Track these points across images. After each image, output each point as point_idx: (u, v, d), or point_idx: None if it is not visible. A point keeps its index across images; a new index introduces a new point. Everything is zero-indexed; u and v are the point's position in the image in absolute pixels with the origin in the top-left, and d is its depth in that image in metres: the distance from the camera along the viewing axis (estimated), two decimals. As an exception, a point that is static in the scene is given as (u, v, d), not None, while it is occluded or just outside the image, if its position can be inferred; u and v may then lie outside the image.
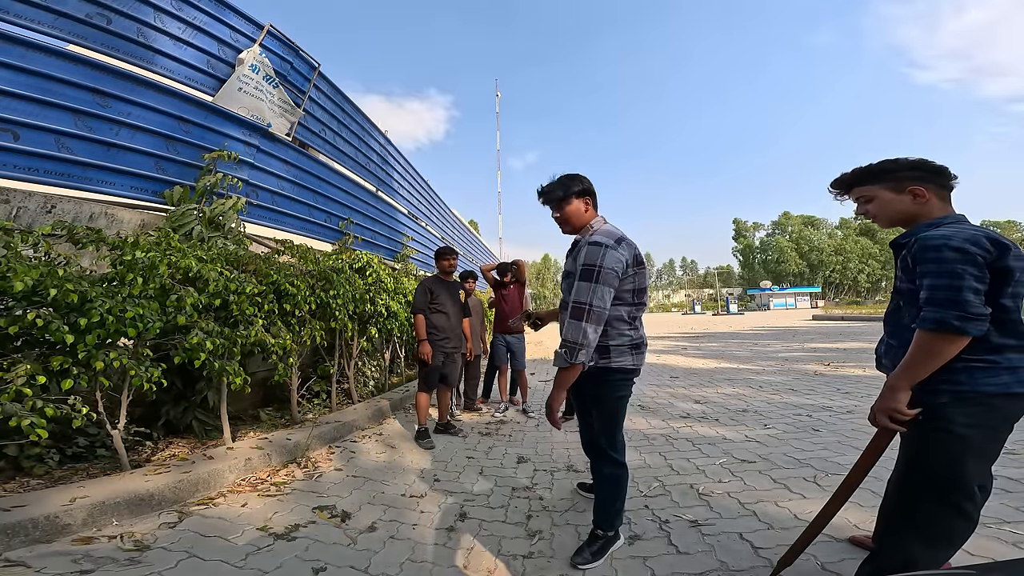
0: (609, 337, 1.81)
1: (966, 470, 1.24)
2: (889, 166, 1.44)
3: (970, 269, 1.17)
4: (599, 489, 1.98)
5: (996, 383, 1.21)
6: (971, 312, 1.16)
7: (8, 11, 2.99)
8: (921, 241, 1.27)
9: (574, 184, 1.90)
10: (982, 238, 1.19)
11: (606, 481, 1.94)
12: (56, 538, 1.82)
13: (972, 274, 1.17)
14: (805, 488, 2.48)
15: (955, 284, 1.18)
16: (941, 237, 1.23)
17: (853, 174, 1.52)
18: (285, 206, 5.16)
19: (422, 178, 10.27)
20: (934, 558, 1.29)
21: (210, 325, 2.65)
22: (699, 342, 12.80)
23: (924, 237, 1.28)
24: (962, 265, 1.17)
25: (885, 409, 1.30)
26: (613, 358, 1.82)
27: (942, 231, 1.26)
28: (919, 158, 1.42)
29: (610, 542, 1.93)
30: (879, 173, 1.45)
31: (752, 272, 73.64)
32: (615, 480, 1.93)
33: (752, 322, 24.29)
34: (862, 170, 1.50)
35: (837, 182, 1.57)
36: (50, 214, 2.89)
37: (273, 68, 4.83)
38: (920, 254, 1.26)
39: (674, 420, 4.13)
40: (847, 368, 6.70)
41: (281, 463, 2.84)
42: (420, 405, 3.68)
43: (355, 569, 1.82)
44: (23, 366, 1.93)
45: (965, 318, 1.16)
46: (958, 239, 1.20)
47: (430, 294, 3.81)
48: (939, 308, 1.19)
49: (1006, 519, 2.02)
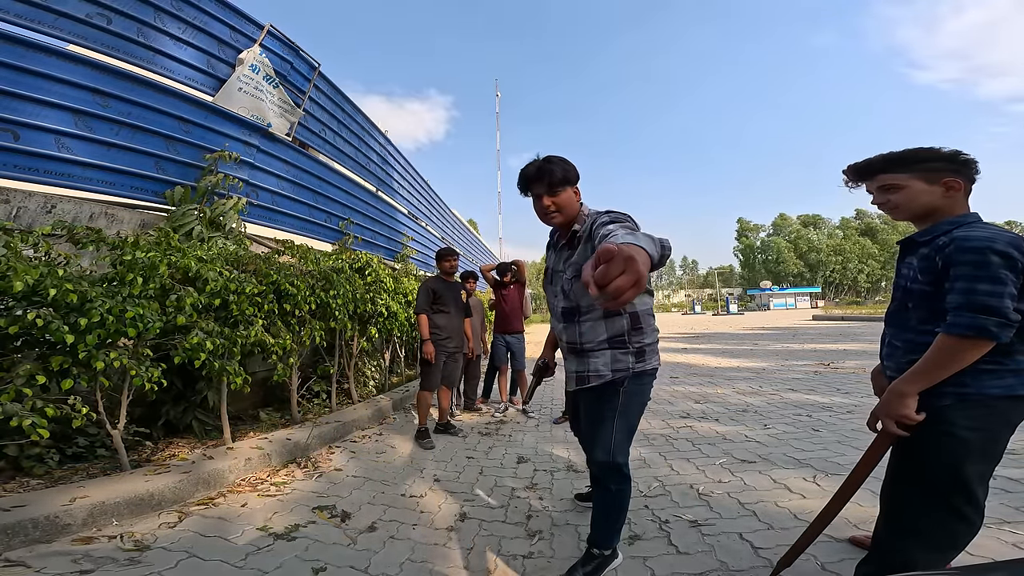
0: (644, 335, 1.67)
1: (967, 473, 1.21)
2: (924, 155, 1.32)
3: (1011, 275, 1.13)
4: (603, 507, 1.77)
5: (1001, 385, 1.19)
6: (1011, 319, 1.12)
7: (8, 11, 2.99)
8: (960, 242, 1.19)
9: (571, 167, 1.69)
10: (1022, 242, 1.15)
11: (613, 498, 1.75)
12: (56, 538, 1.82)
13: (1012, 280, 1.13)
14: (805, 488, 2.48)
15: (997, 290, 1.12)
16: (984, 239, 1.16)
17: (883, 159, 1.39)
18: (285, 206, 5.16)
19: (422, 178, 10.27)
20: (934, 562, 1.27)
21: (210, 325, 2.65)
22: (699, 342, 12.80)
23: (963, 238, 1.19)
24: (1005, 271, 1.13)
25: (893, 415, 1.27)
26: (648, 360, 1.68)
27: (982, 232, 1.19)
28: (953, 149, 1.31)
29: (607, 561, 1.77)
30: (913, 161, 1.33)
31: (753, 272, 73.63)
32: (621, 496, 1.75)
33: (752, 322, 24.28)
34: (893, 155, 1.37)
35: (859, 167, 1.44)
36: (50, 214, 2.89)
37: (273, 68, 4.83)
38: (958, 255, 1.18)
39: (674, 420, 4.13)
40: (847, 368, 6.70)
41: (281, 463, 2.84)
42: (421, 404, 3.68)
43: (355, 569, 1.82)
44: (23, 366, 1.93)
45: (1004, 325, 1.12)
46: (1001, 242, 1.14)
47: (433, 294, 3.82)
48: (978, 314, 1.13)
49: (1006, 519, 2.01)
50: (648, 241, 0.98)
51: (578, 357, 1.73)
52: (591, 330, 1.68)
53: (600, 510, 1.78)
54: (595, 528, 1.78)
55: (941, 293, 1.24)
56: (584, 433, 1.89)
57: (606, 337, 1.66)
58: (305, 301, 3.38)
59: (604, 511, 1.77)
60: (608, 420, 1.70)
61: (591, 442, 1.79)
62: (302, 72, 5.32)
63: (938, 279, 1.25)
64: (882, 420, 1.32)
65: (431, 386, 3.73)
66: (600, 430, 1.73)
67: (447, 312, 3.84)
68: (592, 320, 1.67)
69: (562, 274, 1.74)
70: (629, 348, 1.66)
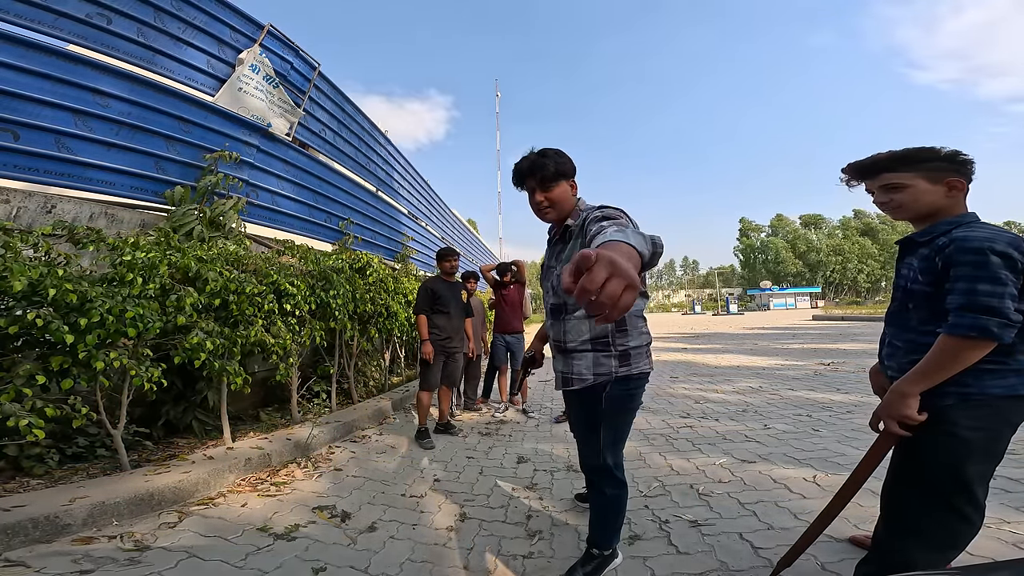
0: (630, 337, 1.61)
1: (968, 473, 1.21)
2: (927, 154, 1.32)
3: (1011, 275, 1.13)
4: (599, 509, 1.78)
5: (1003, 385, 1.20)
6: (1012, 319, 1.12)
7: (8, 11, 2.99)
8: (960, 242, 1.19)
9: (566, 161, 1.65)
10: (1022, 242, 1.15)
11: (608, 501, 1.73)
12: (56, 538, 1.82)
13: (1012, 280, 1.13)
14: (805, 488, 2.48)
15: (998, 291, 1.13)
16: (984, 239, 1.16)
17: (887, 157, 1.38)
18: (285, 206, 5.16)
19: (422, 178, 10.27)
20: (934, 561, 1.27)
21: (210, 325, 2.65)
22: (699, 342, 12.80)
23: (963, 238, 1.19)
24: (1005, 271, 1.13)
25: (895, 416, 1.27)
26: (634, 364, 1.61)
27: (982, 232, 1.19)
28: (953, 149, 1.31)
29: (607, 561, 1.76)
30: (917, 160, 1.32)
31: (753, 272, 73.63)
32: (617, 501, 1.73)
33: (752, 322, 24.28)
34: (897, 154, 1.36)
35: (863, 165, 1.42)
36: (50, 214, 2.89)
37: (273, 68, 4.83)
38: (958, 256, 1.18)
39: (674, 420, 4.13)
40: (847, 368, 6.70)
41: (281, 463, 2.84)
42: (421, 404, 3.68)
43: (355, 569, 1.82)
44: (23, 366, 1.93)
45: (1005, 325, 1.13)
46: (1001, 242, 1.14)
47: (432, 295, 3.81)
48: (979, 314, 1.14)
49: (1006, 519, 2.02)
50: (638, 238, 0.91)
51: (563, 357, 1.69)
52: (574, 328, 1.64)
53: (597, 512, 1.78)
54: (593, 529, 1.78)
55: (941, 293, 1.24)
56: (575, 435, 1.86)
57: (588, 337, 1.61)
58: (305, 301, 3.38)
59: (601, 514, 1.77)
60: (594, 425, 1.67)
61: (581, 445, 1.78)
62: (302, 72, 5.32)
63: (938, 279, 1.24)
64: (884, 420, 1.32)
65: (431, 386, 3.73)
66: (587, 434, 1.71)
67: (447, 312, 3.84)
68: (577, 318, 1.63)
69: (554, 269, 1.71)
70: (612, 351, 1.60)
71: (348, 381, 4.37)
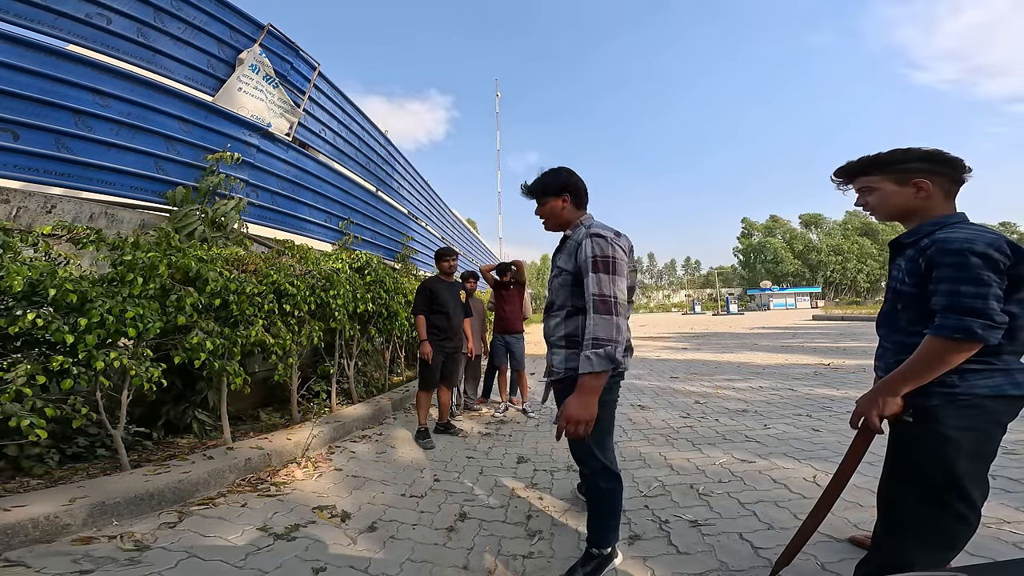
0: None
1: (958, 472, 1.22)
2: (898, 156, 1.35)
3: (994, 276, 1.13)
4: (595, 504, 1.83)
5: (989, 385, 1.20)
6: (996, 320, 1.13)
7: (8, 11, 2.99)
8: (940, 244, 1.20)
9: (552, 180, 1.83)
10: (1003, 243, 1.15)
11: (602, 496, 1.79)
12: (56, 538, 1.82)
13: (996, 281, 1.13)
14: (805, 488, 2.48)
15: (981, 292, 1.13)
16: (963, 241, 1.17)
17: (859, 163, 1.44)
18: (285, 206, 5.16)
19: (422, 178, 10.27)
20: (933, 561, 1.28)
21: (210, 325, 2.65)
22: (699, 342, 12.80)
23: (944, 240, 1.20)
24: (987, 272, 1.13)
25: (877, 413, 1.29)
26: None
27: (962, 234, 1.19)
28: (932, 148, 1.32)
29: (606, 561, 1.79)
30: (885, 163, 1.37)
31: (753, 272, 73.64)
32: (611, 495, 1.78)
33: (752, 322, 24.28)
34: (868, 159, 1.41)
35: (841, 171, 1.49)
36: (50, 214, 2.89)
37: (273, 68, 4.83)
38: (939, 257, 1.19)
39: (674, 420, 4.13)
40: (848, 368, 6.70)
41: (281, 463, 2.84)
42: (421, 404, 3.68)
43: (355, 569, 1.82)
44: (23, 366, 1.93)
45: (989, 327, 1.13)
46: (981, 243, 1.14)
47: (431, 295, 3.81)
48: (963, 316, 1.14)
49: (1006, 519, 2.01)
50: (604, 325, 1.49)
51: (548, 349, 1.84)
52: (555, 324, 1.77)
53: (592, 508, 1.83)
54: (591, 528, 1.81)
55: (927, 295, 1.25)
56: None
57: (564, 334, 1.73)
58: (305, 301, 3.38)
59: (596, 509, 1.82)
60: None
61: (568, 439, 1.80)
62: (302, 72, 5.33)
63: (923, 281, 1.25)
64: (865, 417, 1.33)
65: (430, 386, 3.73)
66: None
67: (446, 312, 3.84)
68: (559, 317, 1.76)
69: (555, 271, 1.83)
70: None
71: (348, 381, 4.37)
